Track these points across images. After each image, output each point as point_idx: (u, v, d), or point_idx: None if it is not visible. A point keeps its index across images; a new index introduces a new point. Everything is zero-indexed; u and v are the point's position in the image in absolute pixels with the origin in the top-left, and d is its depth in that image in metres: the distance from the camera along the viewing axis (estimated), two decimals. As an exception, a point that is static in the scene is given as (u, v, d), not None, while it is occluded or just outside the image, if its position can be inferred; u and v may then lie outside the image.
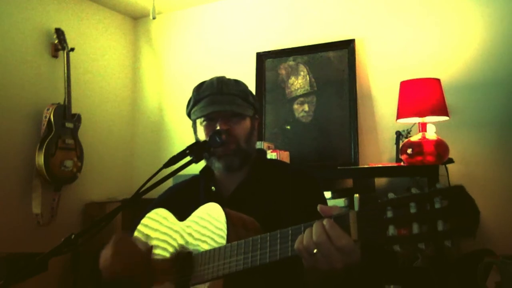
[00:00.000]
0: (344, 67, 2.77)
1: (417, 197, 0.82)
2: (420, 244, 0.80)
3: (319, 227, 0.91)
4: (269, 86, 2.97)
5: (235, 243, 1.05)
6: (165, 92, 3.44)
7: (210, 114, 1.32)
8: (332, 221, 0.90)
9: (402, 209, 0.82)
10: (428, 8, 2.65)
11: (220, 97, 1.33)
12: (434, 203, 0.80)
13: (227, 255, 1.05)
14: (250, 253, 1.01)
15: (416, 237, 0.80)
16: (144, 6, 3.29)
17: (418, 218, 0.80)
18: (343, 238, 0.88)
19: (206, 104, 1.33)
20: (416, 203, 0.81)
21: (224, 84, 1.35)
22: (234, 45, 3.20)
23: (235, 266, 1.03)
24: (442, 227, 0.78)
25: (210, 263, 1.09)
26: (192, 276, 1.12)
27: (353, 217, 0.88)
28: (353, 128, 2.67)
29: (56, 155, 2.73)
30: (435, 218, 0.79)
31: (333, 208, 0.94)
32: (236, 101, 1.33)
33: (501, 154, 2.41)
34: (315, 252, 0.90)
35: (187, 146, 1.25)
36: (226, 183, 1.37)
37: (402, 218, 0.82)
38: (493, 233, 2.37)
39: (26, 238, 2.67)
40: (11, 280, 1.00)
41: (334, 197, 2.40)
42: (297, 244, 0.93)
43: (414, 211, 0.81)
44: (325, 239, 0.88)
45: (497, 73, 2.45)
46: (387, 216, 0.83)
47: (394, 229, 0.82)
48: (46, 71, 2.91)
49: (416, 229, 0.80)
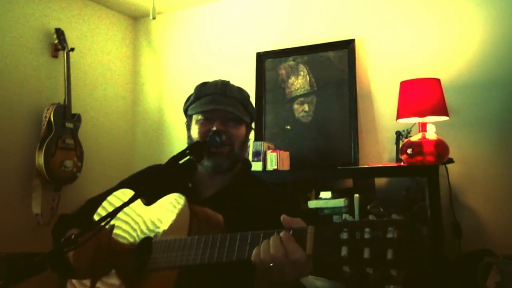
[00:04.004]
0: (344, 67, 2.77)
1: (372, 224, 0.86)
2: (368, 269, 0.83)
3: (277, 241, 0.93)
4: (269, 86, 2.97)
5: (195, 237, 1.07)
6: (165, 92, 3.43)
7: (210, 111, 1.32)
8: (289, 234, 0.93)
9: (357, 233, 0.86)
10: (428, 8, 2.65)
11: (223, 98, 1.34)
12: (387, 232, 0.83)
13: (186, 247, 1.07)
14: (208, 249, 1.03)
15: (365, 261, 0.83)
16: (144, 6, 3.29)
17: (370, 244, 0.84)
18: (298, 251, 0.91)
19: (207, 102, 1.34)
20: (371, 229, 0.85)
21: (228, 88, 1.37)
22: (234, 45, 3.20)
23: (192, 259, 1.05)
24: (391, 256, 0.81)
25: (168, 252, 1.10)
26: (149, 262, 1.14)
27: (311, 232, 0.91)
28: (353, 128, 2.67)
29: (56, 155, 2.73)
30: (385, 247, 0.82)
31: (294, 221, 0.97)
32: (237, 106, 1.35)
33: (501, 154, 2.41)
34: (271, 265, 0.93)
35: (187, 146, 1.25)
36: (206, 184, 1.37)
37: (356, 241, 0.85)
38: (493, 233, 2.37)
39: (26, 238, 2.67)
40: (11, 280, 1.00)
41: (334, 197, 2.40)
42: (254, 257, 0.95)
43: (367, 237, 0.85)
44: (281, 252, 0.92)
45: (497, 73, 2.45)
46: (342, 237, 0.86)
47: (347, 250, 0.85)
48: (46, 71, 2.91)
49: (367, 254, 0.83)
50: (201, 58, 3.30)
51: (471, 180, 2.44)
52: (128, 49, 3.53)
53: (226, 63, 3.19)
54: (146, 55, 3.56)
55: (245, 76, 3.03)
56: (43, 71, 2.90)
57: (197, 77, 3.30)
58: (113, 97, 3.37)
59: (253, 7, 3.18)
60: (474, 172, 2.45)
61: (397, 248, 0.81)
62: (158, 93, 3.47)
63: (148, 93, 3.51)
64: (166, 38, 3.48)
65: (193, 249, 1.05)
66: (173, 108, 3.36)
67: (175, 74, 3.40)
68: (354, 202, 2.34)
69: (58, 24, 2.96)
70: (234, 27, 3.22)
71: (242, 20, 3.20)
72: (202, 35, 3.33)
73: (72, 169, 2.82)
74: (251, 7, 3.18)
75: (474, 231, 2.40)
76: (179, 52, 3.41)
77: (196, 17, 3.37)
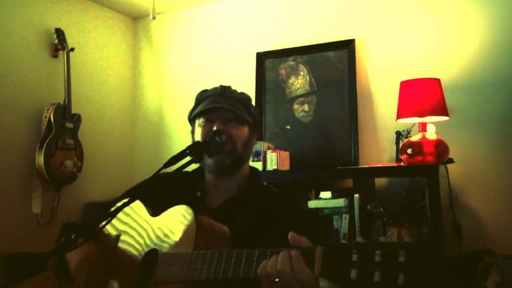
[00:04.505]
0: (344, 67, 2.77)
1: (384, 246, 0.83)
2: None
3: (285, 257, 0.92)
4: (269, 86, 2.96)
5: (201, 252, 1.05)
6: (165, 92, 3.43)
7: (210, 111, 1.33)
8: (298, 253, 0.91)
9: (368, 255, 0.83)
10: (428, 8, 2.65)
11: (222, 98, 1.36)
12: (398, 255, 0.80)
13: (191, 261, 1.06)
14: (214, 265, 1.01)
15: (375, 285, 0.80)
16: (144, 6, 3.29)
17: (380, 267, 0.81)
18: (305, 272, 0.89)
19: (207, 103, 1.35)
20: (382, 252, 0.82)
21: (228, 89, 1.39)
22: (234, 45, 3.19)
23: (197, 274, 1.03)
24: (402, 280, 0.78)
25: (174, 266, 1.09)
26: (153, 275, 1.12)
27: (319, 253, 0.88)
28: (353, 128, 2.67)
29: (56, 155, 2.73)
30: (397, 271, 0.79)
31: (303, 240, 0.96)
32: (237, 105, 1.35)
33: (501, 154, 2.41)
34: (276, 280, 0.91)
35: (187, 146, 1.25)
36: (213, 192, 1.37)
37: (366, 264, 0.82)
38: (493, 233, 2.37)
39: (26, 238, 2.67)
40: (11, 280, 1.00)
41: (334, 197, 2.40)
42: (260, 269, 0.94)
43: (378, 260, 0.81)
44: (288, 270, 0.90)
45: (497, 73, 2.45)
46: (352, 259, 0.83)
47: (356, 273, 0.82)
48: (46, 71, 2.91)
49: (377, 278, 0.80)
50: (201, 58, 3.30)
51: (471, 180, 2.44)
52: (128, 49, 3.53)
53: (226, 63, 3.19)
54: (146, 55, 3.55)
55: (245, 76, 3.03)
56: (43, 71, 2.90)
57: (197, 77, 3.34)
58: (113, 97, 3.37)
59: (253, 7, 3.18)
60: (474, 172, 2.45)
61: (409, 273, 0.78)
62: (158, 93, 3.46)
63: (148, 93, 3.51)
64: (166, 38, 3.48)
65: (199, 263, 1.04)
66: (173, 108, 3.36)
67: (175, 74, 3.40)
68: (354, 202, 2.34)
69: (58, 24, 2.96)
70: (234, 27, 3.22)
71: (242, 20, 3.20)
72: (202, 35, 3.33)
73: (72, 169, 2.82)
74: (251, 7, 3.18)
75: (474, 231, 2.40)
76: (179, 52, 3.41)
77: (196, 17, 3.37)
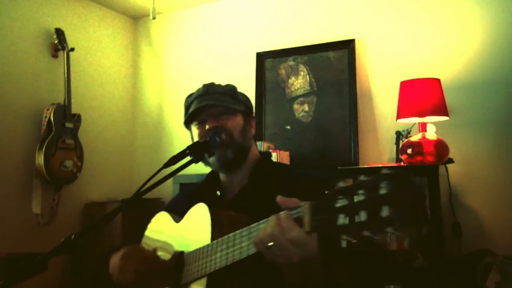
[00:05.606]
0: (344, 67, 2.77)
1: (364, 183, 0.79)
2: (366, 232, 0.77)
3: (274, 220, 0.92)
4: (269, 86, 2.97)
5: (215, 241, 1.09)
6: (165, 92, 3.43)
7: (198, 111, 1.35)
8: (286, 213, 0.92)
9: (351, 197, 0.80)
10: (428, 8, 2.65)
11: (207, 96, 1.38)
12: (379, 188, 0.76)
13: (209, 253, 1.10)
14: (226, 250, 1.04)
15: (363, 224, 0.77)
16: (144, 6, 3.29)
17: (365, 206, 0.77)
18: (295, 230, 0.89)
19: (194, 106, 1.38)
20: (364, 190, 0.78)
21: (210, 86, 1.41)
22: (234, 45, 3.20)
23: (215, 264, 1.07)
24: (387, 212, 0.74)
25: (196, 262, 1.13)
26: (182, 276, 1.17)
27: (306, 207, 0.88)
28: (353, 128, 2.67)
29: (56, 155, 2.73)
30: (380, 204, 0.76)
31: (292, 201, 0.95)
32: (222, 98, 1.37)
33: (501, 154, 2.41)
34: (270, 245, 0.92)
35: (187, 146, 1.26)
36: (230, 186, 1.40)
37: (351, 206, 0.79)
38: (493, 233, 2.37)
39: (26, 238, 2.67)
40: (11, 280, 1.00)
41: (334, 197, 2.40)
42: (255, 238, 0.96)
43: (361, 199, 0.78)
44: (278, 231, 0.90)
45: (497, 73, 2.45)
46: (337, 206, 0.81)
47: (344, 218, 0.80)
48: (46, 71, 2.91)
49: (363, 217, 0.77)
50: (201, 58, 3.30)
51: (471, 180, 2.44)
52: (128, 49, 3.53)
53: (226, 63, 3.19)
54: (146, 55, 3.56)
55: (245, 76, 3.03)
56: (43, 71, 2.89)
57: (197, 77, 3.33)
58: (113, 97, 3.37)
59: (253, 7, 3.18)
60: (474, 172, 2.45)
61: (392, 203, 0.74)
62: (158, 93, 3.47)
63: (148, 93, 3.51)
64: (166, 38, 3.48)
65: (215, 253, 1.08)
66: (173, 108, 3.36)
67: (175, 74, 3.40)
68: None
69: (58, 24, 2.96)
70: (234, 27, 3.22)
71: (242, 20, 3.20)
72: (202, 35, 3.33)
73: (72, 169, 2.82)
74: (251, 7, 3.18)
75: (474, 231, 2.40)
76: (179, 52, 3.41)
77: (196, 17, 3.37)
